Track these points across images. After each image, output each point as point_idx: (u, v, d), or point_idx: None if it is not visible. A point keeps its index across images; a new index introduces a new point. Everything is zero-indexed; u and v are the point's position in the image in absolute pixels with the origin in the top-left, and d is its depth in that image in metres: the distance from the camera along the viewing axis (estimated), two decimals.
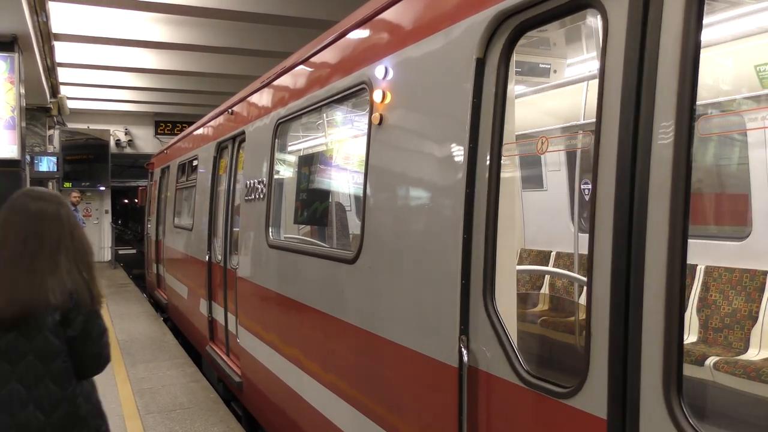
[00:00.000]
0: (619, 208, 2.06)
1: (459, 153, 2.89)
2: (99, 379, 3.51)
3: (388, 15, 3.77)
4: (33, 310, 2.58)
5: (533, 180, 7.66)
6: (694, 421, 1.84)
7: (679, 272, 1.89)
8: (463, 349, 2.77)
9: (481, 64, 2.80)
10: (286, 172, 5.98)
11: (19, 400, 2.60)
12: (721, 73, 5.19)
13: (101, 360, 2.81)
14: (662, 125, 1.97)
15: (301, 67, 5.24)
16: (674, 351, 1.89)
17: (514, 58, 2.77)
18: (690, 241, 1.92)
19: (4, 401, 2.59)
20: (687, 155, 1.90)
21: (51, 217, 2.75)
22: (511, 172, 2.93)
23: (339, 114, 5.34)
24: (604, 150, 2.15)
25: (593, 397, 2.15)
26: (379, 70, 3.65)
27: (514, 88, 2.88)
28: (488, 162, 2.74)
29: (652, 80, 2.00)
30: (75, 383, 2.73)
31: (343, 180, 5.51)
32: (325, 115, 5.41)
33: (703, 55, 1.97)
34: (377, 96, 3.64)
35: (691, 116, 1.91)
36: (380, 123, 3.63)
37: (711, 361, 4.73)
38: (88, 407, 2.76)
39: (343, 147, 5.45)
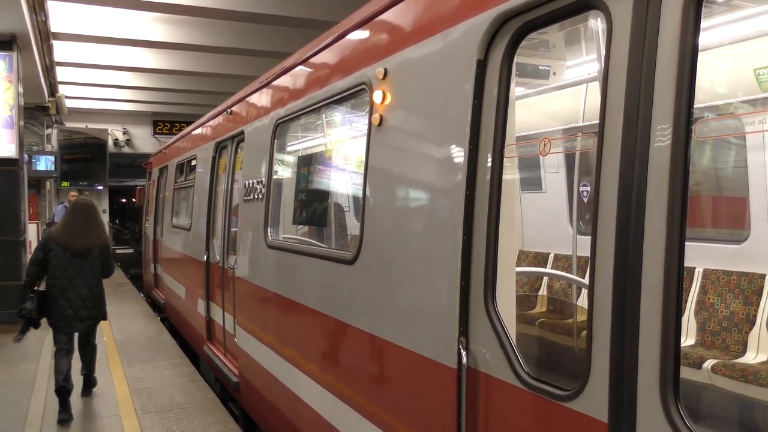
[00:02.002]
0: (623, 210, 2.06)
1: (459, 154, 2.89)
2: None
3: (388, 16, 3.77)
4: (91, 248, 6.42)
5: (532, 182, 7.66)
6: (691, 423, 1.84)
7: (676, 275, 1.89)
8: (462, 350, 2.77)
9: (482, 66, 2.79)
10: (285, 172, 5.97)
11: (81, 286, 6.38)
12: (720, 76, 5.20)
13: (111, 270, 6.83)
14: (661, 127, 1.97)
15: (300, 67, 5.23)
16: (671, 354, 1.89)
17: (516, 59, 2.77)
18: (688, 243, 1.92)
19: (73, 287, 6.32)
20: (685, 157, 1.91)
21: (92, 210, 6.67)
22: (511, 173, 2.92)
23: (338, 115, 5.33)
24: (607, 151, 2.15)
25: (594, 400, 2.15)
26: (379, 71, 3.65)
27: (515, 89, 2.87)
28: (489, 164, 2.74)
29: (655, 81, 2.00)
30: (101, 280, 6.65)
31: (343, 181, 5.51)
32: (324, 115, 5.41)
33: (704, 58, 1.98)
34: (377, 97, 3.64)
35: (688, 118, 1.91)
36: (380, 124, 3.62)
37: (709, 364, 4.73)
38: (102, 291, 6.72)
39: (342, 148, 5.45)
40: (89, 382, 7.17)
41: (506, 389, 2.58)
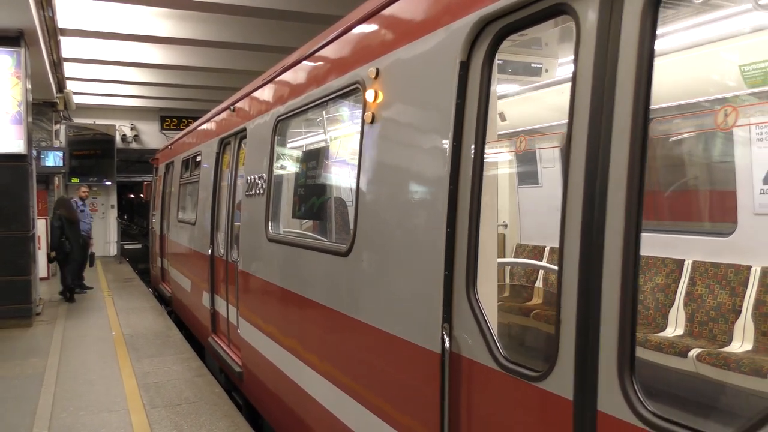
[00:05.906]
0: (587, 202, 2.21)
1: (443, 151, 3.04)
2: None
3: (381, 18, 3.91)
4: (76, 220, 14.42)
5: (529, 176, 7.79)
6: (644, 398, 2.00)
7: (632, 262, 2.05)
8: (445, 336, 2.93)
9: (464, 67, 2.94)
10: (285, 168, 6.13)
11: (76, 237, 14.15)
12: (709, 72, 5.31)
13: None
14: (624, 126, 2.11)
15: (299, 66, 5.38)
16: (628, 335, 2.04)
17: (497, 60, 2.91)
18: (678, 236, 2.08)
19: (75, 238, 14.05)
20: (642, 154, 2.06)
21: (70, 201, 15.11)
22: (493, 169, 3.07)
23: (335, 112, 5.48)
24: (574, 149, 2.30)
25: (561, 380, 2.31)
26: (371, 71, 3.80)
27: (496, 89, 3.02)
28: (471, 159, 2.89)
29: (616, 83, 2.15)
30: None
31: (339, 176, 5.66)
32: (322, 113, 5.56)
33: (696, 54, 2.11)
34: (369, 95, 3.79)
35: (645, 118, 2.06)
36: (372, 121, 3.77)
37: (694, 352, 4.87)
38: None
39: (338, 145, 5.60)
40: (73, 293, 14.10)
41: (485, 372, 2.74)
